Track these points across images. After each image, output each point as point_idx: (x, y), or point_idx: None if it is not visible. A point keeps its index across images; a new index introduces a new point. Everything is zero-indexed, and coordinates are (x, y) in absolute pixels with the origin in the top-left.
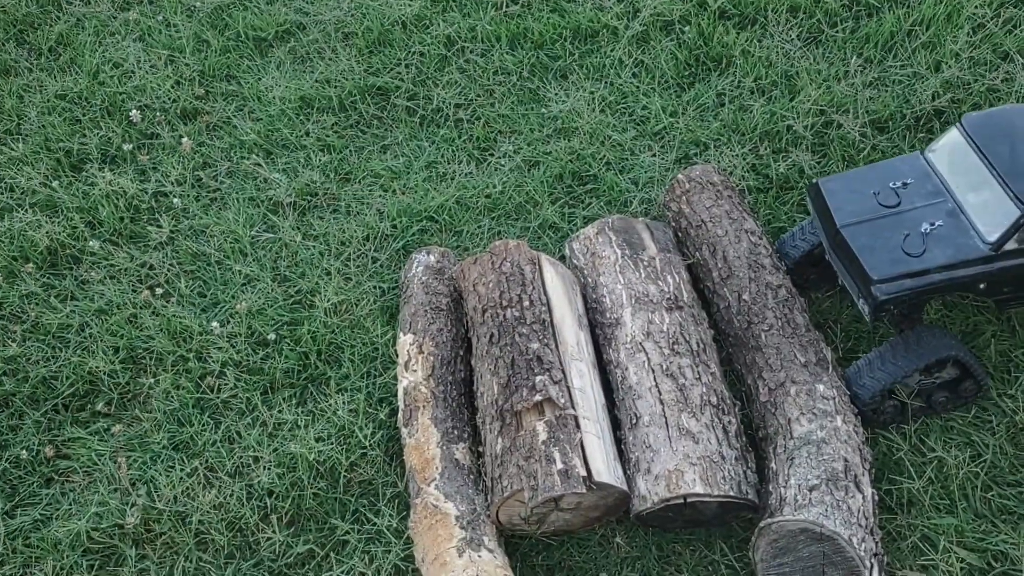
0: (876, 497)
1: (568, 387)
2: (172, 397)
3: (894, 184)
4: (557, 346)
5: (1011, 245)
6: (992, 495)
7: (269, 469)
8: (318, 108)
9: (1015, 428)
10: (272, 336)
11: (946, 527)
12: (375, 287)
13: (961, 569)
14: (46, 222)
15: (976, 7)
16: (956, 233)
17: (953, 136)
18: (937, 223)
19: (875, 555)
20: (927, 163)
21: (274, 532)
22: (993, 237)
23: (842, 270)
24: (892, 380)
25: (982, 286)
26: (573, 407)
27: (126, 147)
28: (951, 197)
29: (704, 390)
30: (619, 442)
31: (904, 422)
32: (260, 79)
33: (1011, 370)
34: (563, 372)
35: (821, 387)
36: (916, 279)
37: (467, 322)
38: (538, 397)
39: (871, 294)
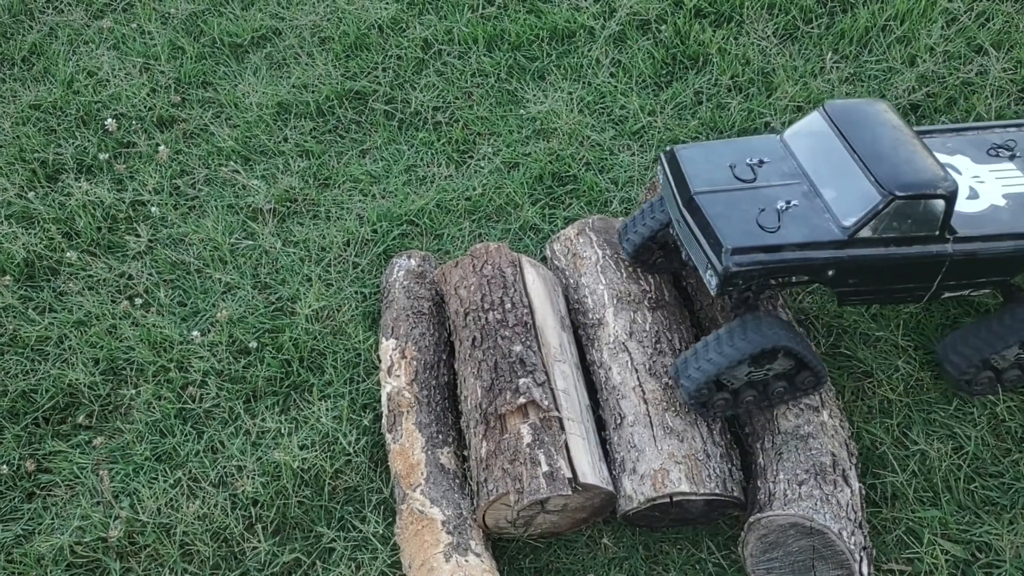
0: (863, 491)
1: (552, 389)
2: (154, 408)
3: (751, 160)
4: (540, 348)
5: (865, 232)
6: (975, 487)
7: (253, 478)
8: (296, 113)
9: (996, 420)
10: (254, 344)
11: (930, 519)
12: (356, 292)
13: (946, 561)
14: (22, 233)
15: (949, 1)
16: (812, 214)
17: (815, 121)
18: (793, 202)
19: (864, 548)
20: (784, 146)
21: (259, 541)
22: (849, 222)
23: (691, 240)
24: (718, 370)
25: (830, 272)
26: (557, 409)
27: (102, 156)
28: (808, 180)
29: None
30: (604, 442)
31: (735, 412)
32: (237, 85)
33: None
34: (546, 374)
35: None
36: (769, 254)
37: (449, 326)
38: (522, 400)
39: (722, 264)
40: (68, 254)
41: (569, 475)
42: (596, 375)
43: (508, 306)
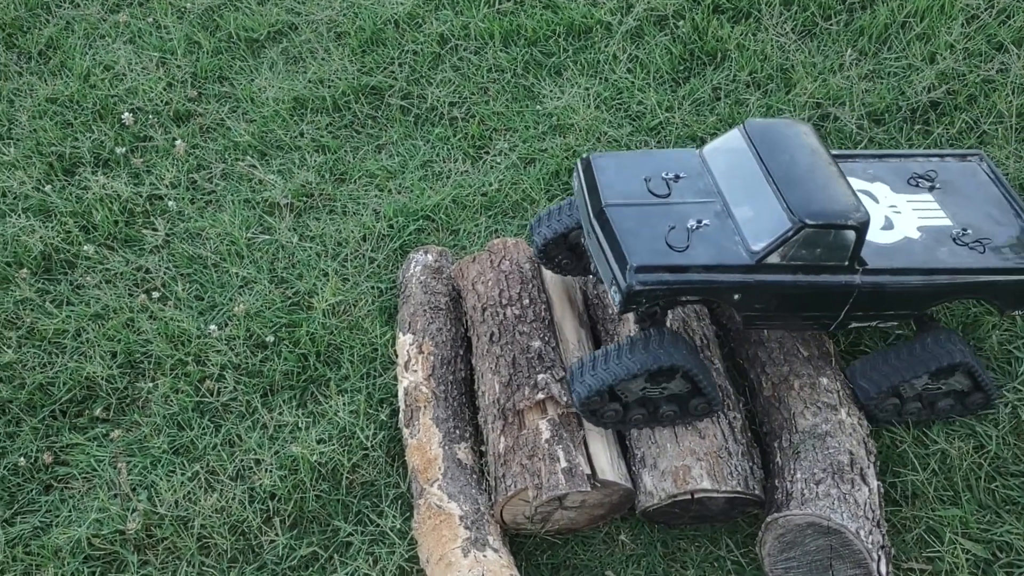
0: (882, 490)
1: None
2: (171, 401)
3: (666, 175)
4: (558, 344)
5: (774, 259)
6: (996, 486)
7: (271, 472)
8: (312, 108)
9: (1018, 419)
10: (271, 338)
11: (951, 518)
12: (373, 287)
13: (967, 560)
14: (39, 227)
15: None
16: (721, 235)
17: (734, 138)
18: (704, 222)
19: (882, 547)
20: (703, 161)
21: (277, 535)
22: (758, 246)
23: (598, 253)
24: (613, 380)
25: (736, 296)
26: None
27: (119, 150)
28: (722, 199)
29: None
30: (622, 438)
31: (622, 428)
32: (253, 80)
33: (1012, 363)
34: (565, 370)
35: (824, 380)
36: (675, 274)
37: (466, 321)
38: (540, 395)
39: (626, 280)
40: (85, 247)
41: (588, 471)
42: None
43: (526, 302)
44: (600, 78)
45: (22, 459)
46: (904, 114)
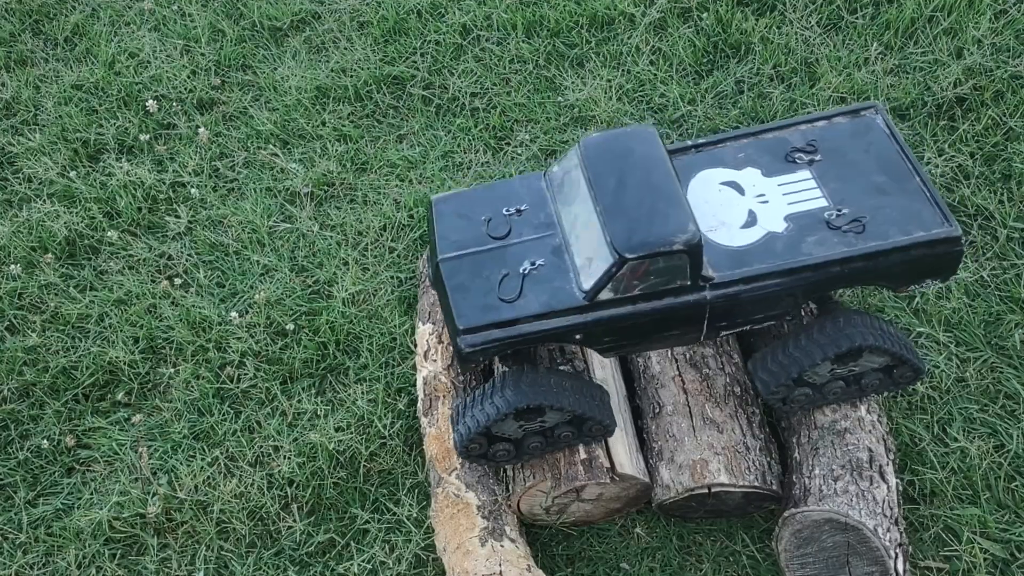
0: (900, 487)
1: (590, 378)
2: (192, 387)
3: (508, 210)
4: None
5: (606, 295)
6: (1015, 485)
7: (289, 458)
8: (334, 98)
9: None
10: (290, 326)
11: (969, 518)
12: (392, 277)
13: (985, 560)
14: (64, 212)
15: None
16: (555, 275)
17: (571, 159)
18: (539, 262)
19: (900, 545)
20: (547, 186)
21: (295, 521)
22: (588, 284)
23: (442, 307)
24: (483, 424)
25: (578, 336)
26: None
27: (143, 137)
28: (560, 230)
29: (727, 380)
30: (640, 431)
31: (521, 461)
32: (276, 69)
33: None
34: (585, 362)
35: None
36: (504, 329)
37: None
38: None
39: (456, 344)
40: (109, 233)
41: (607, 464)
42: (634, 364)
43: None
44: (622, 70)
45: (45, 442)
46: (929, 109)
